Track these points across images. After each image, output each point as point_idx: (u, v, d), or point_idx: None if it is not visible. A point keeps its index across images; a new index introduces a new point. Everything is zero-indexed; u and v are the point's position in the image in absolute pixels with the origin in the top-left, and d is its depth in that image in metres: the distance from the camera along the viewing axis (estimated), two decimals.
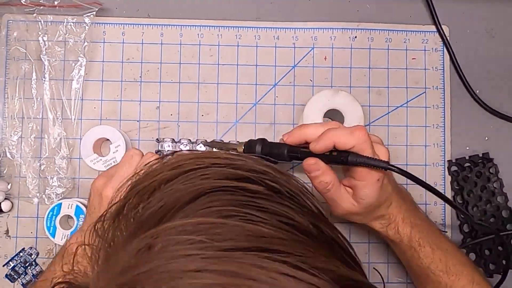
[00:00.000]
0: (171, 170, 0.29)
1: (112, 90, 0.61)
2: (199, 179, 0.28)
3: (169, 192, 0.27)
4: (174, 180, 0.28)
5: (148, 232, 0.25)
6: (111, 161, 0.58)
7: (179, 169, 0.29)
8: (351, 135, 0.43)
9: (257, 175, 0.29)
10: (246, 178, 0.28)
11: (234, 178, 0.28)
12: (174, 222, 0.25)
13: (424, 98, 0.62)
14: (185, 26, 0.62)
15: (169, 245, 0.24)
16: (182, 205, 0.27)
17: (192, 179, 0.28)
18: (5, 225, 0.59)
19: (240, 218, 0.26)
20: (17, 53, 0.61)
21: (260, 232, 0.25)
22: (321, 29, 0.63)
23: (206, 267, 0.23)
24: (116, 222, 0.29)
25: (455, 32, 0.63)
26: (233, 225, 0.25)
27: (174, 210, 0.26)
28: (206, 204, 0.26)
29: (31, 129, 0.60)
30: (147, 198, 0.28)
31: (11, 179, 0.60)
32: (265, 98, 0.62)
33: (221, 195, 0.27)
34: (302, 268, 0.24)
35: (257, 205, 0.27)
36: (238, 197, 0.27)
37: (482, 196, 0.61)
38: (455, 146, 0.62)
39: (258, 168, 0.29)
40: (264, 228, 0.25)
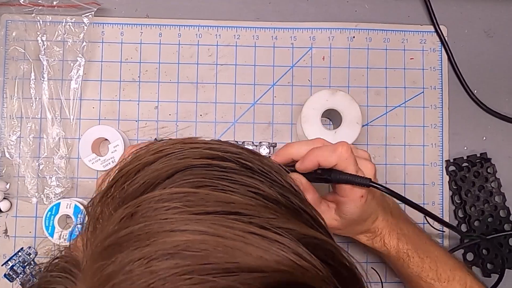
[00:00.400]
0: (153, 154, 0.32)
1: (110, 90, 0.61)
2: (177, 159, 0.31)
3: (150, 171, 0.30)
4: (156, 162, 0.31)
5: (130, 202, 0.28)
6: (110, 161, 0.58)
7: (161, 153, 0.32)
8: (333, 153, 0.43)
9: (231, 154, 0.31)
10: (220, 157, 0.31)
11: (209, 157, 0.31)
12: (153, 193, 0.28)
13: (422, 98, 0.63)
14: (184, 26, 0.62)
15: (148, 211, 0.27)
16: (161, 180, 0.29)
17: (170, 159, 0.31)
18: (3, 225, 0.59)
19: (211, 188, 0.28)
20: (15, 53, 0.61)
21: (229, 199, 0.28)
22: (319, 29, 0.63)
23: (179, 227, 0.26)
24: (104, 199, 0.31)
25: (453, 32, 0.64)
26: (205, 193, 0.28)
27: (154, 185, 0.29)
28: (181, 178, 0.29)
29: (30, 129, 0.60)
30: (131, 178, 0.31)
31: (10, 178, 0.60)
32: (264, 98, 0.62)
33: (196, 171, 0.30)
34: (266, 228, 0.26)
35: (228, 178, 0.29)
36: (211, 171, 0.30)
37: (480, 196, 0.61)
38: (453, 146, 0.62)
39: (232, 150, 0.32)
40: (233, 196, 0.28)
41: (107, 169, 0.58)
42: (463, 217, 0.61)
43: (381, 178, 0.61)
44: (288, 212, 0.29)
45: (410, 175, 0.61)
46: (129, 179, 0.30)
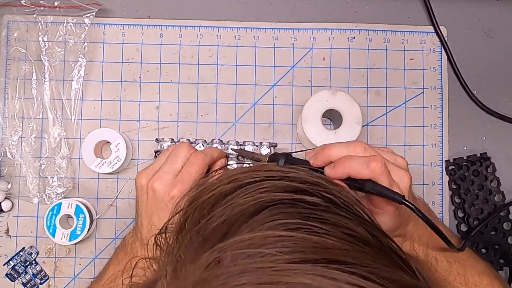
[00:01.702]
0: (228, 183, 0.30)
1: (112, 90, 0.62)
2: (258, 193, 0.29)
3: (229, 206, 0.28)
4: (233, 194, 0.29)
5: (216, 246, 0.26)
6: (115, 161, 0.58)
7: (236, 182, 0.30)
8: (367, 167, 0.41)
9: (312, 186, 0.30)
10: (302, 190, 0.29)
11: (292, 191, 0.29)
12: (242, 235, 0.26)
13: (422, 98, 0.63)
14: (185, 27, 0.63)
15: (239, 258, 0.25)
16: (245, 218, 0.27)
17: (251, 193, 0.29)
18: (5, 225, 0.60)
19: (305, 230, 0.26)
20: (17, 54, 0.61)
21: (326, 244, 0.26)
22: (320, 30, 0.63)
23: (279, 280, 0.24)
24: (180, 238, 0.29)
25: (453, 33, 0.64)
26: (300, 237, 0.26)
27: (238, 224, 0.27)
28: (269, 217, 0.27)
29: (32, 129, 0.60)
30: (207, 213, 0.29)
31: (12, 178, 0.60)
32: (264, 98, 0.62)
33: (283, 208, 0.28)
34: (370, 279, 0.24)
35: (318, 217, 0.27)
36: (299, 210, 0.28)
37: (480, 195, 0.61)
38: (453, 146, 0.63)
39: (311, 180, 0.30)
40: (329, 240, 0.26)
41: (115, 170, 0.58)
42: (463, 216, 0.62)
43: None
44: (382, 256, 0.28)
45: None
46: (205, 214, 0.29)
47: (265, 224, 0.27)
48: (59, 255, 0.60)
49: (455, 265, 0.49)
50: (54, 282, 0.59)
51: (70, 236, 0.56)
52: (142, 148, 0.61)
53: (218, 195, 0.29)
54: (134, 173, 0.60)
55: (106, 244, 0.60)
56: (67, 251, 0.60)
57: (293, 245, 0.25)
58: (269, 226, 0.27)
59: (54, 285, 0.59)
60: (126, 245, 0.52)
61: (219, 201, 0.29)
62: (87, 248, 0.60)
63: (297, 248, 0.25)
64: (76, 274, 0.59)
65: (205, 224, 0.28)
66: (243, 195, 0.29)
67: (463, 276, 0.49)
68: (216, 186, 0.30)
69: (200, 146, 0.59)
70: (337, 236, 0.26)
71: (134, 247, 0.50)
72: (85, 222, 0.57)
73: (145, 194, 0.50)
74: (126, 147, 0.58)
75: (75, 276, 0.59)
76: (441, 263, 0.49)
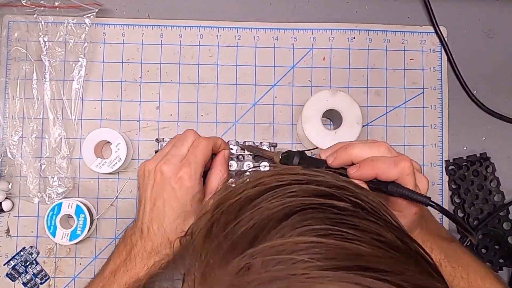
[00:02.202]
0: (254, 187, 0.29)
1: (112, 90, 0.62)
2: (286, 197, 0.28)
3: (257, 210, 0.28)
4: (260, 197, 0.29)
5: (246, 251, 0.26)
6: (116, 161, 0.58)
7: (262, 186, 0.29)
8: (395, 168, 0.40)
9: (339, 191, 0.29)
10: (330, 194, 0.29)
11: (320, 195, 0.29)
12: (272, 241, 0.26)
13: (422, 99, 0.63)
14: (185, 27, 0.63)
15: (270, 264, 0.25)
16: (274, 223, 0.27)
17: (279, 197, 0.28)
18: (6, 225, 0.60)
19: (336, 236, 0.26)
20: (18, 54, 0.61)
21: (358, 251, 0.25)
22: (320, 30, 0.63)
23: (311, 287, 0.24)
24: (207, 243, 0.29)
25: (453, 33, 0.64)
26: (331, 244, 0.25)
27: (267, 228, 0.27)
28: (299, 222, 0.27)
29: (32, 129, 0.60)
30: (234, 217, 0.28)
31: (12, 178, 0.60)
32: (264, 98, 0.62)
33: (312, 213, 0.27)
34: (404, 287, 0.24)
35: (348, 222, 0.27)
36: (329, 215, 0.27)
37: (479, 195, 0.61)
38: (453, 146, 0.63)
39: (338, 184, 0.30)
40: (360, 247, 0.26)
41: (115, 169, 0.58)
42: (463, 216, 0.62)
43: None
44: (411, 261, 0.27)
45: None
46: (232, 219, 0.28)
47: (296, 230, 0.26)
48: (60, 255, 0.60)
49: (459, 269, 0.49)
50: (55, 282, 0.59)
51: (70, 236, 0.57)
52: (142, 148, 0.61)
53: (245, 198, 0.29)
54: (134, 173, 0.61)
55: (106, 244, 0.60)
56: (67, 251, 0.60)
57: (325, 252, 0.25)
58: (299, 232, 0.26)
59: (54, 285, 0.59)
60: (126, 238, 0.51)
61: (246, 205, 0.29)
62: (87, 248, 0.60)
63: (329, 255, 0.25)
64: (77, 274, 0.60)
65: (233, 229, 0.28)
66: (271, 199, 0.28)
67: (466, 280, 0.49)
68: (242, 190, 0.30)
69: None
70: (368, 243, 0.26)
71: (134, 238, 0.50)
72: (85, 222, 0.57)
73: (152, 178, 0.49)
74: (127, 147, 0.58)
75: (75, 276, 0.60)
76: (445, 268, 0.49)
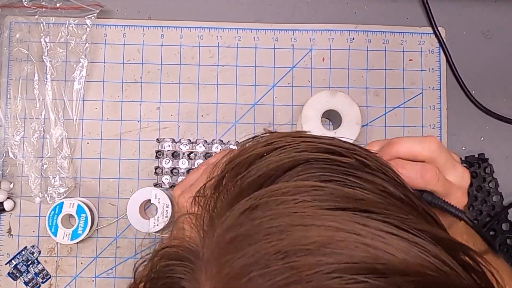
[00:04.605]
0: (264, 146, 0.31)
1: (113, 90, 0.62)
2: (293, 152, 0.29)
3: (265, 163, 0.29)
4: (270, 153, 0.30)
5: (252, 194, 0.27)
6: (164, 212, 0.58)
7: (272, 145, 0.30)
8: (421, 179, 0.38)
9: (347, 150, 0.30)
10: (338, 152, 0.30)
11: (327, 152, 0.29)
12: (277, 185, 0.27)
13: (420, 99, 0.63)
14: (185, 28, 0.63)
15: (273, 204, 0.26)
16: (280, 173, 0.28)
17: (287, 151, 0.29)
18: (7, 224, 0.60)
19: (338, 182, 0.27)
20: (19, 54, 0.61)
21: (358, 195, 0.26)
22: (319, 31, 0.64)
23: (313, 222, 0.25)
24: (217, 192, 0.30)
25: (451, 34, 0.64)
26: (332, 188, 0.27)
27: (273, 177, 0.28)
28: (304, 171, 0.28)
29: (33, 129, 0.61)
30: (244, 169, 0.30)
31: (14, 178, 0.60)
32: (264, 98, 0.63)
33: (317, 164, 0.28)
34: (403, 228, 0.25)
35: (352, 173, 0.28)
36: (333, 167, 0.28)
37: (478, 196, 0.62)
38: (451, 146, 0.63)
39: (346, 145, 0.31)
40: (361, 192, 0.27)
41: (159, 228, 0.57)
42: None
43: None
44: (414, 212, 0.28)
45: None
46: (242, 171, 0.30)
47: (299, 176, 0.28)
48: (61, 254, 0.60)
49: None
50: (56, 281, 0.60)
51: (71, 235, 0.57)
52: (143, 148, 0.62)
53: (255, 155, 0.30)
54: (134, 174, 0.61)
55: (107, 244, 0.60)
56: (68, 250, 0.60)
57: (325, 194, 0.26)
58: (303, 178, 0.28)
59: (55, 284, 0.60)
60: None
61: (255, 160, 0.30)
62: (88, 248, 0.60)
63: (330, 197, 0.26)
64: (78, 273, 0.60)
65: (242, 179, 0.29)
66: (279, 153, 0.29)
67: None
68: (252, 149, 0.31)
69: (201, 146, 0.60)
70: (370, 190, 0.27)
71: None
72: (86, 222, 0.57)
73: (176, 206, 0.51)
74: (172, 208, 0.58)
75: (76, 275, 0.60)
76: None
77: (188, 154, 0.60)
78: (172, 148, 0.60)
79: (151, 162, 0.61)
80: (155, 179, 0.60)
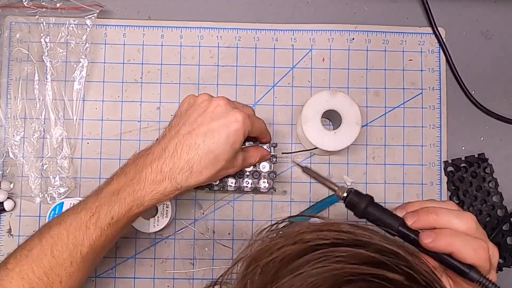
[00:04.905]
0: (293, 244, 0.27)
1: (113, 90, 0.62)
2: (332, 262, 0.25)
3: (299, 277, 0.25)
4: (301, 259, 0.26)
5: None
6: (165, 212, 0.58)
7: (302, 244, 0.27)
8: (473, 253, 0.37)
9: (391, 258, 0.27)
10: (381, 262, 0.26)
11: (369, 262, 0.26)
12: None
13: (420, 99, 0.63)
14: (185, 28, 0.63)
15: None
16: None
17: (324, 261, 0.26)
18: (7, 224, 0.60)
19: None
20: (19, 55, 0.61)
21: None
22: (319, 31, 0.64)
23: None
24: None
25: (451, 34, 0.64)
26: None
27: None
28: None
29: (34, 129, 0.61)
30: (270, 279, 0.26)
31: (14, 178, 0.60)
32: (264, 98, 0.63)
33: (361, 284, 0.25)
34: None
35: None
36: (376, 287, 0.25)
37: (478, 196, 0.62)
38: (451, 146, 0.63)
39: (390, 249, 0.27)
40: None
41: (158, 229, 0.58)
42: None
43: (380, 178, 0.62)
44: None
45: (408, 175, 0.62)
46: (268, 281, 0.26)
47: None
48: None
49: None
50: None
51: None
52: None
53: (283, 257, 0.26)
54: None
55: None
56: None
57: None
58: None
59: None
60: (137, 158, 0.47)
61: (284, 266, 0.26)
62: None
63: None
64: None
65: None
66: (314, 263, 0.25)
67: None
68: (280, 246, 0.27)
69: None
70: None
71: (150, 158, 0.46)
72: None
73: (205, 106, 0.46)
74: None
75: None
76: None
77: None
78: None
79: None
80: None
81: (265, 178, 0.57)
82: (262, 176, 0.57)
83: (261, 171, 0.57)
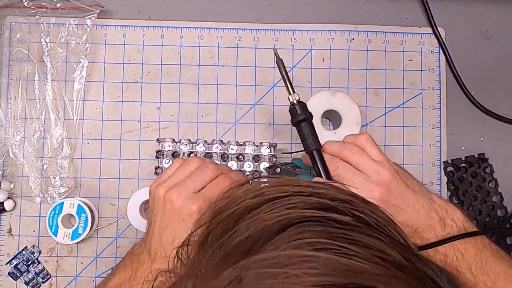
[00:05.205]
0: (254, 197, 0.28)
1: (113, 91, 0.62)
2: (285, 208, 0.27)
3: (255, 221, 0.27)
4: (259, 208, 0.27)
5: (238, 263, 0.25)
6: None
7: (262, 196, 0.28)
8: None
9: (342, 204, 0.28)
10: (332, 207, 0.27)
11: (321, 208, 0.27)
12: (265, 254, 0.25)
13: (420, 99, 0.63)
14: (185, 28, 0.63)
15: (262, 278, 0.24)
16: (270, 235, 0.26)
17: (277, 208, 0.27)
18: (8, 224, 0.60)
19: (333, 251, 0.25)
20: (19, 55, 0.62)
21: (356, 267, 0.24)
22: (319, 31, 0.64)
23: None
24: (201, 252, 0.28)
25: (451, 34, 0.64)
26: (327, 258, 0.24)
27: (263, 240, 0.26)
28: (296, 235, 0.26)
29: (34, 129, 0.61)
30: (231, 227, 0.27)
31: (14, 178, 0.61)
32: (264, 98, 0.63)
33: (311, 226, 0.26)
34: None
35: (349, 237, 0.26)
36: (328, 229, 0.26)
37: (478, 196, 0.62)
38: (451, 146, 0.63)
39: (342, 197, 0.29)
40: (359, 263, 0.24)
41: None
42: None
43: None
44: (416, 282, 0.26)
45: None
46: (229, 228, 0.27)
47: (291, 243, 0.25)
48: (61, 254, 0.60)
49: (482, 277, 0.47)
50: (56, 281, 0.60)
51: (72, 235, 0.57)
52: (143, 149, 0.62)
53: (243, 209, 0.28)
54: (135, 174, 0.61)
55: (107, 244, 0.60)
56: (69, 250, 0.60)
57: (320, 267, 0.24)
58: (294, 245, 0.25)
59: (56, 283, 0.60)
60: (134, 255, 0.51)
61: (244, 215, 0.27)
62: (88, 247, 0.60)
63: (324, 271, 0.24)
64: (78, 273, 0.60)
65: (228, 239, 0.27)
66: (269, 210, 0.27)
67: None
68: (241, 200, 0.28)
69: (201, 146, 0.60)
70: (369, 259, 0.25)
71: (142, 258, 0.49)
72: (86, 222, 0.57)
73: (162, 207, 0.49)
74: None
75: (76, 275, 0.60)
76: (463, 275, 0.48)
77: (188, 154, 0.60)
78: (172, 148, 0.60)
79: (151, 162, 0.61)
80: (155, 179, 0.60)
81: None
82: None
83: (261, 171, 0.57)
